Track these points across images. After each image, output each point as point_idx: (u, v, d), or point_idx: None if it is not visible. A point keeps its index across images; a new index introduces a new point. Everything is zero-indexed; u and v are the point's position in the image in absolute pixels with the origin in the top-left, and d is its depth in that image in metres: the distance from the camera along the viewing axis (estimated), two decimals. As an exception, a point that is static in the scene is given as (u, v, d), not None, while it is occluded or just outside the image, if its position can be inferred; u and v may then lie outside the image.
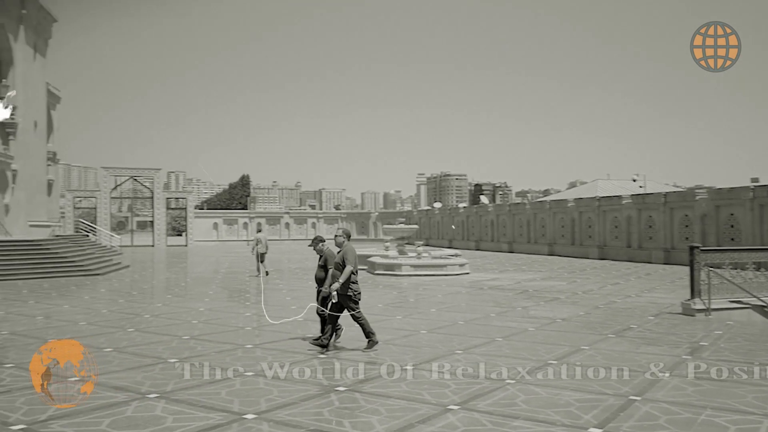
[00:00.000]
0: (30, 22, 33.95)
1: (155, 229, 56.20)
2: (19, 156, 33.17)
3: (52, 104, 42.04)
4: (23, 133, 33.63)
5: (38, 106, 36.23)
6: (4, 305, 15.51)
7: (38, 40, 35.51)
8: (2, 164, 31.12)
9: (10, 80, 32.18)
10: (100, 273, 24.83)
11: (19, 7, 32.45)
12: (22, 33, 33.12)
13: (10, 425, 6.05)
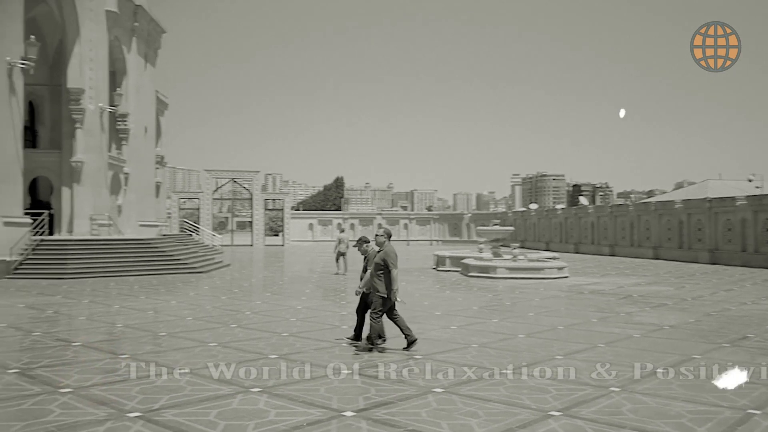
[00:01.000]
0: (141, 33, 36.03)
1: (254, 229, 58.19)
2: (131, 160, 35.26)
3: (161, 110, 44.43)
4: (135, 138, 35.72)
5: (148, 112, 38.39)
6: (118, 299, 16.50)
7: (149, 50, 37.63)
8: (116, 167, 33.17)
9: (124, 89, 34.25)
10: (203, 271, 25.95)
11: (131, 20, 34.50)
12: (135, 44, 35.19)
13: (126, 413, 6.39)
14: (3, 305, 15.35)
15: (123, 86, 34.36)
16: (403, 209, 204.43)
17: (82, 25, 28.92)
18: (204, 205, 56.71)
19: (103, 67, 30.67)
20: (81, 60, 29.03)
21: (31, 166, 27.94)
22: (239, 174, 58.96)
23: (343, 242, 25.11)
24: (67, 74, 29.06)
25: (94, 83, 29.67)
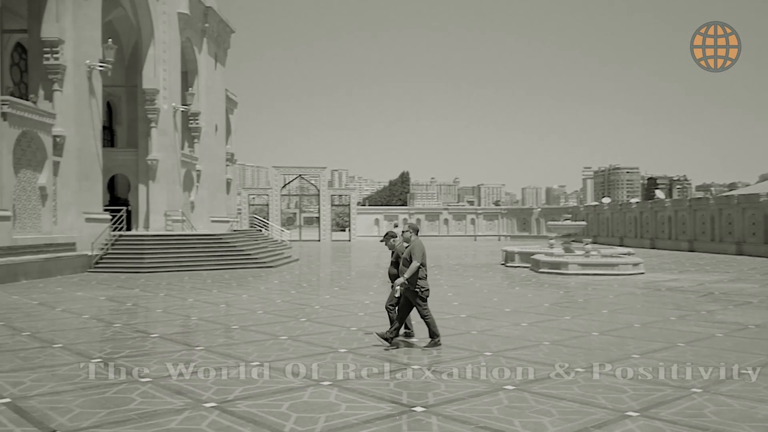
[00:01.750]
0: (212, 34, 37.00)
1: (321, 225, 58.97)
2: (202, 157, 36.31)
3: (230, 109, 45.53)
4: (206, 136, 36.75)
5: (219, 111, 39.41)
6: (192, 293, 17.01)
7: (218, 50, 38.61)
8: (188, 165, 34.22)
9: (195, 88, 35.27)
10: (273, 266, 26.46)
11: (202, 22, 35.48)
12: (205, 45, 36.18)
13: (202, 402, 6.55)
14: (86, 297, 16.08)
15: (194, 86, 35.40)
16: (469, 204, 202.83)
17: (156, 28, 29.94)
18: (273, 201, 57.85)
19: (176, 68, 31.67)
20: (155, 61, 30.07)
21: (110, 164, 29.18)
22: (306, 170, 59.85)
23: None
24: (143, 75, 30.18)
25: (167, 84, 30.68)
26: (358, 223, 60.62)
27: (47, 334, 10.61)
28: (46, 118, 21.95)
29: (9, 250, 19.36)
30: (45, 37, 22.46)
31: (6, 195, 19.74)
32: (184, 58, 33.80)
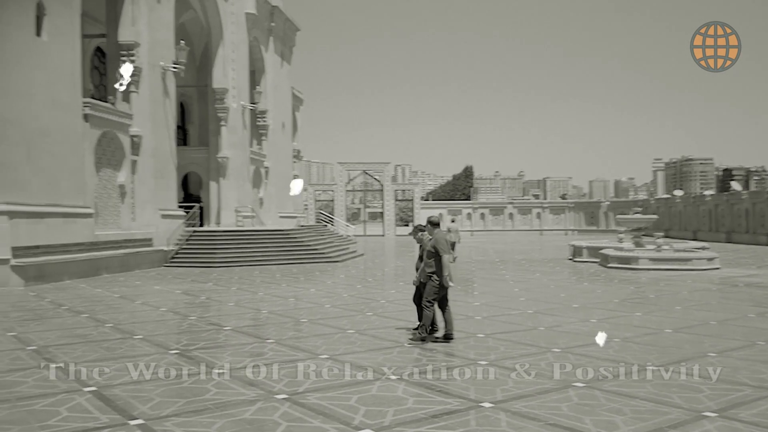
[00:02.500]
0: (278, 33, 37.72)
1: (385, 220, 59.29)
2: (270, 154, 37.11)
3: (296, 106, 46.31)
4: (273, 133, 37.54)
5: (285, 108, 40.17)
6: (262, 287, 17.47)
7: (284, 48, 39.33)
8: (257, 162, 35.04)
9: (263, 87, 36.05)
10: (339, 260, 26.82)
11: (269, 21, 36.21)
12: (272, 44, 36.92)
13: (274, 394, 6.76)
14: (163, 291, 16.77)
15: (262, 84, 36.21)
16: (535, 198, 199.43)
17: (225, 29, 30.77)
18: (338, 197, 58.54)
19: (244, 67, 32.47)
20: (224, 61, 30.92)
21: (183, 162, 30.20)
22: (370, 166, 60.23)
23: (453, 231, 26.08)
24: (213, 75, 31.09)
25: (236, 83, 31.50)
26: (422, 218, 60.56)
27: (128, 326, 11.14)
28: (124, 119, 22.94)
29: (92, 245, 20.37)
30: (122, 40, 23.44)
31: (89, 193, 20.76)
32: (252, 57, 34.59)
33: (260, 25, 34.94)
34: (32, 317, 12.19)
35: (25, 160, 17.89)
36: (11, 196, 17.27)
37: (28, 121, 18.04)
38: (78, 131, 20.25)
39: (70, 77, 19.89)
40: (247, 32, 32.68)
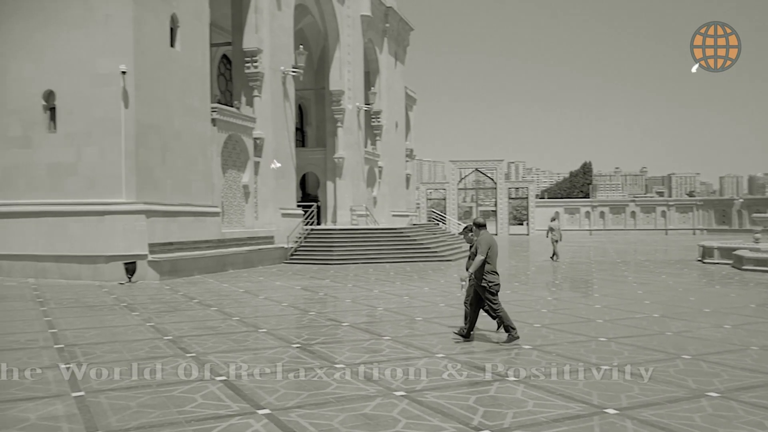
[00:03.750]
0: (392, 34, 38.18)
1: (498, 218, 58.44)
2: (384, 154, 37.65)
3: (410, 106, 46.66)
4: (387, 133, 38.04)
5: (399, 108, 40.59)
6: (377, 285, 17.77)
7: (398, 48, 39.74)
8: (371, 162, 35.67)
9: (377, 87, 36.63)
10: (451, 259, 26.77)
11: (383, 22, 36.75)
12: (386, 45, 37.43)
13: (392, 391, 6.86)
14: (284, 287, 17.47)
15: (376, 85, 36.80)
16: (658, 195, 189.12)
17: (341, 32, 31.56)
18: (450, 195, 58.41)
19: (359, 69, 33.15)
20: (340, 64, 31.73)
21: (302, 163, 31.32)
22: (482, 164, 59.61)
23: (555, 230, 26.86)
24: (329, 78, 31.99)
25: (351, 84, 32.24)
26: (537, 217, 59.13)
27: (253, 320, 11.71)
28: (247, 122, 24.12)
29: (219, 242, 21.59)
30: (246, 47, 24.64)
31: (216, 193, 22.01)
32: (367, 59, 35.25)
33: (375, 26, 35.52)
34: (167, 309, 13.10)
35: (160, 162, 19.24)
36: (148, 197, 18.64)
37: (164, 126, 19.39)
38: (207, 135, 21.52)
39: (201, 84, 21.17)
40: (362, 34, 33.33)
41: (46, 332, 10.34)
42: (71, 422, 5.81)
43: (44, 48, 18.66)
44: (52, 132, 18.79)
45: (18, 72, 18.99)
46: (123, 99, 18.12)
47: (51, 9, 18.58)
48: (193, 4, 20.86)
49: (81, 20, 18.31)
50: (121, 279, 17.63)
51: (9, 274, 18.88)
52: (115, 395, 6.65)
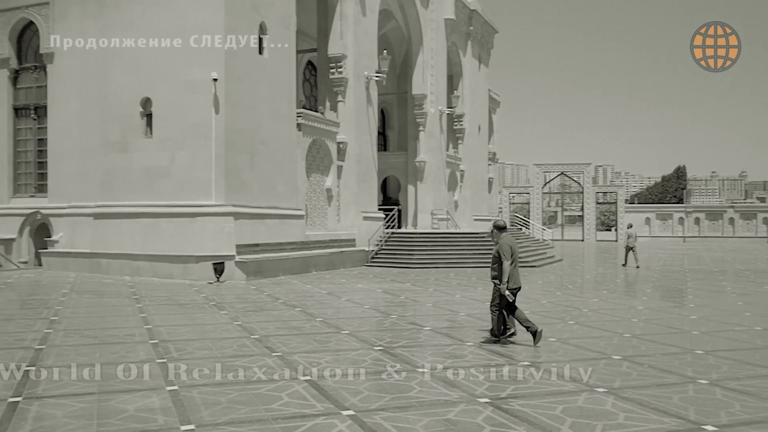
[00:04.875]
0: (476, 37, 37.89)
1: (585, 224, 56.81)
2: (465, 158, 37.37)
3: (493, 108, 46.12)
4: (469, 137, 37.75)
5: (481, 112, 40.20)
6: (458, 289, 17.61)
7: (482, 51, 39.38)
8: (452, 165, 35.48)
9: (460, 91, 36.41)
10: (536, 265, 26.19)
11: (467, 25, 36.53)
12: (469, 48, 37.18)
13: (476, 397, 6.75)
14: (365, 289, 17.61)
15: (459, 88, 36.59)
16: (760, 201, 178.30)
17: (425, 35, 31.58)
18: (534, 200, 57.29)
19: (442, 73, 33.06)
20: (423, 68, 31.75)
21: (383, 167, 31.54)
22: (568, 167, 58.14)
23: (632, 237, 26.71)
24: (412, 82, 32.06)
25: (434, 88, 32.19)
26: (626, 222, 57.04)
27: (336, 321, 11.85)
28: (331, 127, 24.52)
29: (303, 244, 22.03)
30: (331, 53, 25.07)
31: (300, 196, 22.49)
32: (449, 62, 35.11)
33: (458, 29, 35.34)
34: (253, 309, 13.47)
35: (248, 166, 19.85)
36: (236, 199, 19.26)
37: (252, 131, 19.99)
38: (292, 139, 22.03)
39: (287, 90, 21.70)
40: (446, 38, 33.24)
41: (142, 328, 10.84)
42: (166, 415, 6.05)
43: (142, 58, 19.64)
44: (148, 137, 19.74)
45: (118, 81, 20.08)
46: (214, 105, 18.82)
47: (149, 21, 19.53)
48: (281, 13, 21.43)
49: (176, 31, 19.16)
50: (210, 278, 18.27)
51: (107, 272, 19.96)
52: (206, 390, 6.87)
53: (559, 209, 67.60)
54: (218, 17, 18.87)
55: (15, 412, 6.06)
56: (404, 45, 34.04)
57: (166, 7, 19.31)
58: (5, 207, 23.08)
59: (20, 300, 14.64)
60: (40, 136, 23.05)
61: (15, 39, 23.06)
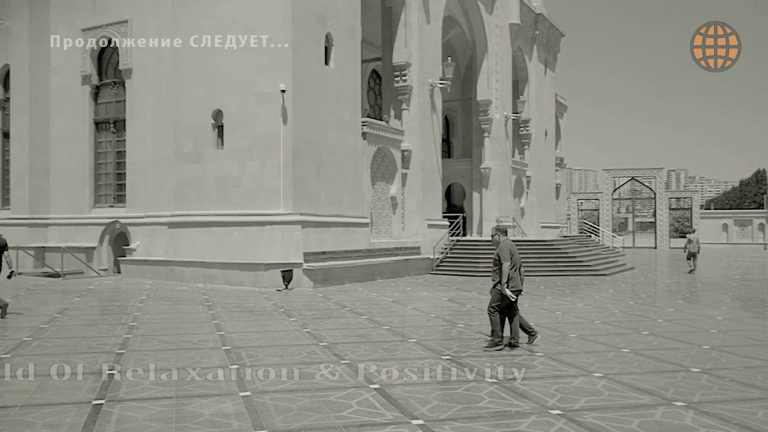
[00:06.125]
0: (541, 41, 37.37)
1: (657, 231, 54.94)
2: (532, 164, 36.81)
3: (560, 113, 45.30)
4: (535, 142, 37.19)
5: (548, 116, 39.55)
6: (527, 299, 17.27)
7: (548, 55, 38.80)
8: (518, 171, 34.99)
9: (525, 96, 35.96)
10: (606, 273, 25.49)
11: (532, 29, 36.09)
12: (535, 52, 36.71)
13: (548, 409, 6.62)
14: (430, 298, 17.57)
15: (525, 93, 36.12)
16: None
17: (489, 41, 31.37)
18: (603, 206, 55.83)
19: (507, 78, 32.72)
20: (488, 73, 31.52)
21: (447, 174, 31.41)
22: (639, 172, 56.39)
23: (693, 242, 26.98)
24: (476, 88, 31.88)
25: (499, 94, 31.89)
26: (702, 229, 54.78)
27: (402, 330, 11.86)
28: (396, 135, 24.63)
29: (368, 252, 22.18)
30: (396, 62, 25.21)
31: (365, 204, 22.66)
32: (515, 67, 34.71)
33: (524, 34, 34.93)
34: (321, 316, 13.65)
35: (315, 175, 20.17)
36: (303, 208, 19.58)
37: (319, 140, 20.32)
38: (358, 148, 22.26)
39: (352, 99, 21.96)
40: (511, 43, 32.89)
41: (215, 334, 11.16)
42: (240, 420, 6.20)
43: (214, 71, 20.27)
44: (220, 148, 20.34)
45: (191, 94, 20.79)
46: (282, 116, 19.24)
47: (219, 35, 20.12)
48: (346, 24, 21.73)
49: (245, 44, 19.68)
50: (278, 286, 18.63)
51: (181, 279, 20.64)
52: (277, 397, 7.01)
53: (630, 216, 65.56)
54: (286, 30, 19.30)
55: (99, 414, 6.34)
56: (468, 51, 33.89)
57: (235, 22, 19.89)
58: (87, 217, 24.21)
59: (101, 306, 15.31)
60: (119, 148, 24.08)
61: (96, 57, 24.21)
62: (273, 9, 19.49)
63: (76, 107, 24.50)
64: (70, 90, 24.53)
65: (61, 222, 24.59)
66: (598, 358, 9.23)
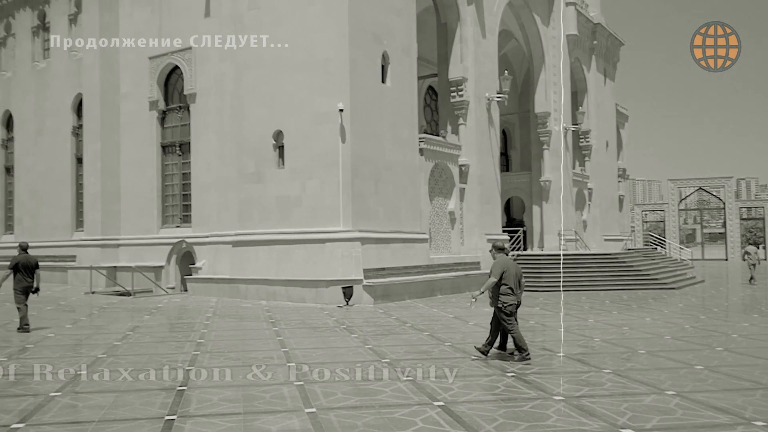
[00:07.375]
0: (600, 51, 36.75)
1: (728, 242, 52.80)
2: (593, 175, 36.08)
3: (621, 123, 44.30)
4: (596, 153, 36.46)
5: (608, 127, 38.75)
6: (591, 313, 16.93)
7: (607, 65, 38.10)
8: (579, 184, 34.34)
9: (585, 107, 35.37)
10: (674, 287, 24.64)
11: (590, 40, 35.54)
12: (594, 62, 36.10)
13: (619, 428, 6.44)
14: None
15: (584, 104, 35.52)
16: None
17: (546, 53, 31.07)
18: (669, 217, 54.13)
19: (566, 90, 32.23)
20: (546, 85, 31.18)
21: (506, 187, 31.12)
22: (707, 181, 54.45)
23: (751, 254, 27.22)
24: (534, 100, 31.56)
25: (557, 105, 31.46)
26: (776, 239, 52.38)
27: (464, 346, 11.77)
28: (453, 150, 24.59)
29: (428, 268, 22.13)
30: (452, 77, 25.25)
31: (424, 220, 22.67)
32: (573, 78, 34.20)
33: (582, 44, 34.43)
34: (382, 332, 13.68)
35: (373, 192, 20.33)
36: (362, 224, 19.74)
37: (376, 157, 20.49)
38: (415, 164, 22.33)
39: (409, 116, 22.09)
40: (569, 54, 32.46)
41: (279, 350, 11.34)
42: (306, 436, 6.28)
43: (274, 92, 20.78)
44: (281, 168, 20.77)
45: (254, 116, 21.35)
46: (340, 134, 19.51)
47: (279, 57, 20.65)
48: (402, 41, 21.92)
49: (304, 65, 20.13)
50: (339, 302, 18.78)
51: (245, 296, 21.07)
52: (342, 413, 7.06)
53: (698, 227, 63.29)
54: (343, 50, 19.62)
55: (171, 430, 6.53)
56: (525, 64, 33.62)
57: (295, 43, 20.34)
58: (155, 237, 25.05)
59: (170, 323, 15.79)
60: (184, 170, 24.87)
61: (162, 83, 25.17)
62: (330, 30, 19.87)
63: (144, 132, 25.47)
64: (139, 115, 25.55)
65: (131, 242, 25.53)
66: (669, 375, 8.92)
